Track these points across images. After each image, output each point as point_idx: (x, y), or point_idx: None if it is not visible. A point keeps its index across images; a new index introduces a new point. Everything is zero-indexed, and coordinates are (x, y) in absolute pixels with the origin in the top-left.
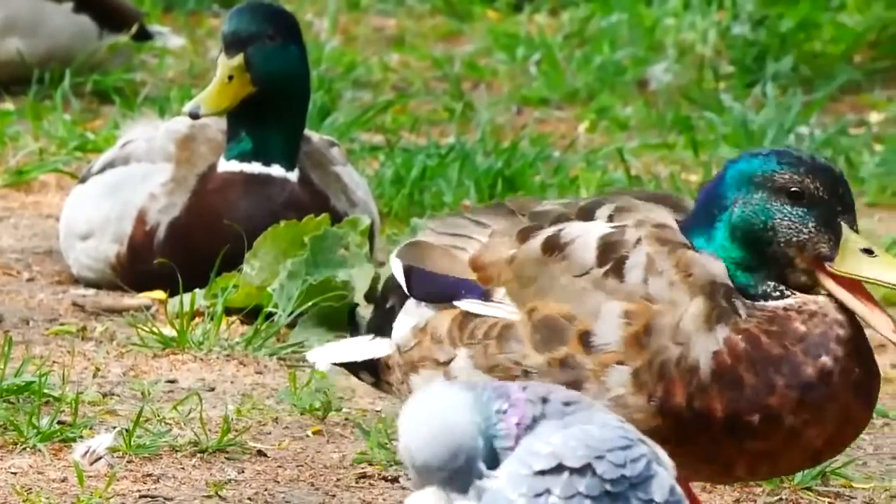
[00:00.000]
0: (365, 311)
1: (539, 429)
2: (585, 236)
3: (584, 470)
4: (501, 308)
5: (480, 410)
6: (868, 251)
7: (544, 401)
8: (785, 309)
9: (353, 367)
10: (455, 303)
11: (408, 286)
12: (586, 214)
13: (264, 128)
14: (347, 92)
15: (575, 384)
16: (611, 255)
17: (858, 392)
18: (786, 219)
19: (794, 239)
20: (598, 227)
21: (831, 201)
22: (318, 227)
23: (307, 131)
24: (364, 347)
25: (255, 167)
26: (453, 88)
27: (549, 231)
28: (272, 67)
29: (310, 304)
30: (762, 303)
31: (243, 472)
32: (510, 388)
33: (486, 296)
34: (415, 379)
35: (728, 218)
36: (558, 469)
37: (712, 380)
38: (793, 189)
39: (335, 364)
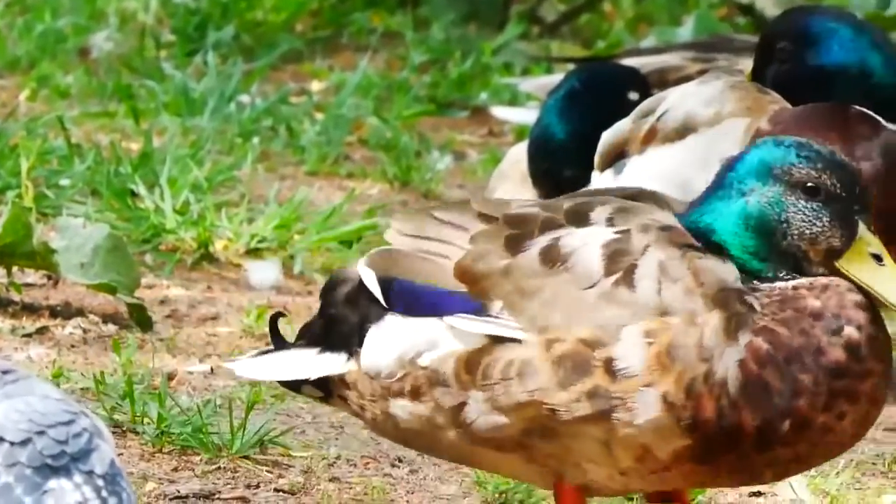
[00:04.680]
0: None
1: None
2: (588, 245)
3: (26, 443)
4: (499, 323)
5: None
6: (877, 257)
7: None
8: (795, 288)
9: (293, 385)
10: (446, 318)
11: (386, 299)
12: (579, 219)
13: None
14: None
15: (605, 413)
16: (618, 263)
17: (885, 364)
18: (800, 213)
19: (807, 232)
20: (601, 234)
21: (848, 198)
22: None
23: None
24: (312, 363)
25: None
26: None
27: (545, 240)
28: None
29: None
30: (771, 284)
31: None
32: None
33: (481, 310)
34: (395, 405)
35: (744, 206)
36: None
37: (740, 392)
38: (809, 184)
39: (275, 381)
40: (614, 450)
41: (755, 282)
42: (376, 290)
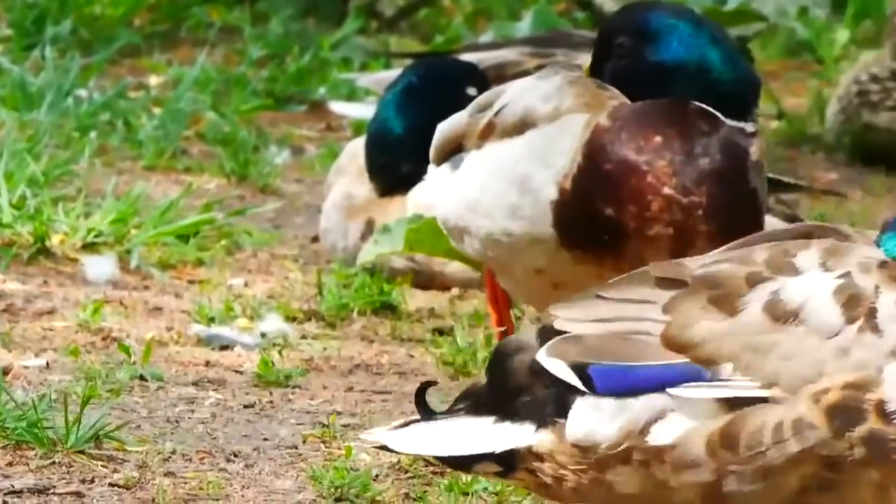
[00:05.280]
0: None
1: None
2: (816, 293)
3: None
4: (737, 385)
5: None
6: None
7: None
8: None
9: (466, 460)
10: (670, 390)
11: (587, 385)
12: (787, 268)
13: None
14: None
15: (883, 457)
16: (856, 309)
17: None
18: None
19: None
20: (824, 281)
21: None
22: None
23: None
24: (491, 436)
25: None
26: None
27: (763, 294)
28: None
29: None
30: None
31: None
32: None
33: (706, 377)
34: (615, 472)
35: None
36: None
37: None
38: None
39: (443, 457)
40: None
41: None
42: (572, 379)
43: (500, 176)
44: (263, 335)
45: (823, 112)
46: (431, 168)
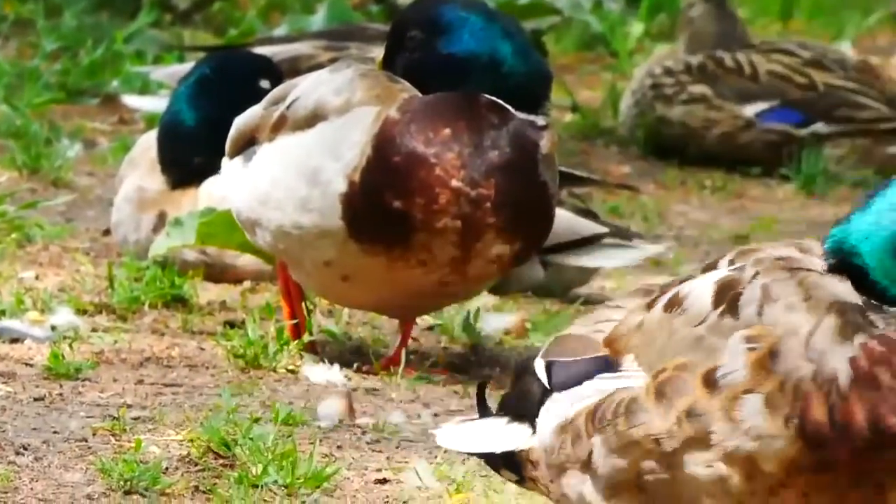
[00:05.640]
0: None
1: None
2: (702, 285)
3: None
4: (630, 375)
5: None
6: None
7: None
8: None
9: (493, 461)
10: (587, 382)
11: (548, 381)
12: (710, 268)
13: None
14: None
15: (702, 434)
16: (726, 295)
17: None
18: None
19: None
20: (716, 274)
21: None
22: None
23: None
24: (501, 434)
25: None
26: None
27: (672, 291)
28: None
29: None
30: None
31: None
32: None
33: (615, 367)
34: (564, 481)
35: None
36: None
37: (852, 387)
38: None
39: (471, 454)
40: (724, 472)
41: (885, 307)
42: (542, 375)
43: (291, 168)
44: (54, 328)
45: (617, 105)
46: (226, 161)
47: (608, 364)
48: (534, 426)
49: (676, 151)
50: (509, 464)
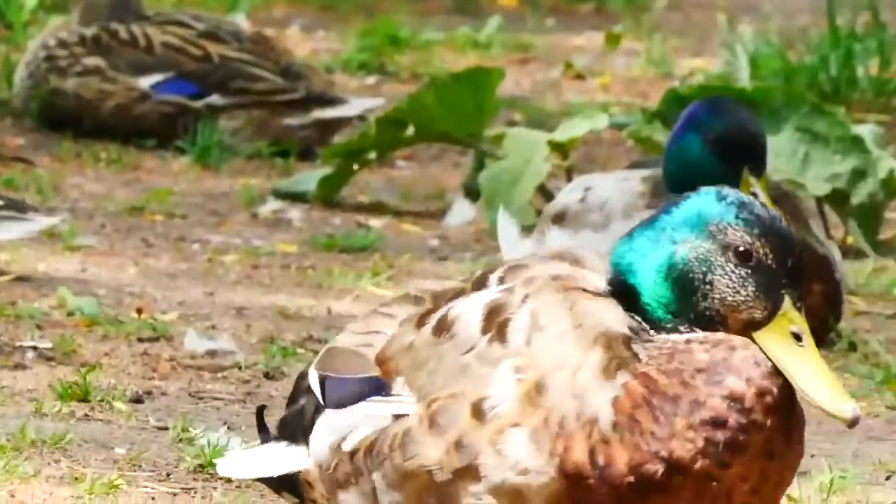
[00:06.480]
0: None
1: None
2: (471, 309)
3: None
4: (401, 400)
5: None
6: (797, 336)
7: None
8: (687, 342)
9: (273, 485)
10: (359, 404)
11: (322, 396)
12: (480, 284)
13: None
14: None
15: (472, 466)
16: (494, 321)
17: (781, 418)
18: (726, 277)
19: (730, 299)
20: (485, 295)
21: (778, 269)
22: None
23: None
24: (279, 458)
25: None
26: None
27: (441, 311)
28: None
29: None
30: (667, 336)
31: None
32: None
33: (386, 389)
34: (343, 497)
35: (670, 255)
36: None
37: (613, 430)
38: (741, 248)
39: (253, 479)
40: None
41: (653, 332)
42: (316, 389)
43: None
44: None
45: (11, 77)
46: None
47: (379, 385)
48: (308, 445)
49: (71, 124)
50: (289, 486)
